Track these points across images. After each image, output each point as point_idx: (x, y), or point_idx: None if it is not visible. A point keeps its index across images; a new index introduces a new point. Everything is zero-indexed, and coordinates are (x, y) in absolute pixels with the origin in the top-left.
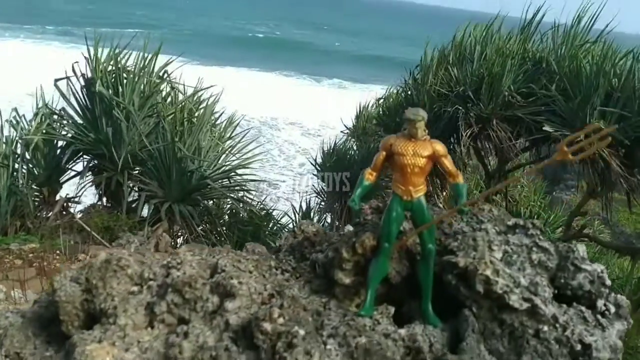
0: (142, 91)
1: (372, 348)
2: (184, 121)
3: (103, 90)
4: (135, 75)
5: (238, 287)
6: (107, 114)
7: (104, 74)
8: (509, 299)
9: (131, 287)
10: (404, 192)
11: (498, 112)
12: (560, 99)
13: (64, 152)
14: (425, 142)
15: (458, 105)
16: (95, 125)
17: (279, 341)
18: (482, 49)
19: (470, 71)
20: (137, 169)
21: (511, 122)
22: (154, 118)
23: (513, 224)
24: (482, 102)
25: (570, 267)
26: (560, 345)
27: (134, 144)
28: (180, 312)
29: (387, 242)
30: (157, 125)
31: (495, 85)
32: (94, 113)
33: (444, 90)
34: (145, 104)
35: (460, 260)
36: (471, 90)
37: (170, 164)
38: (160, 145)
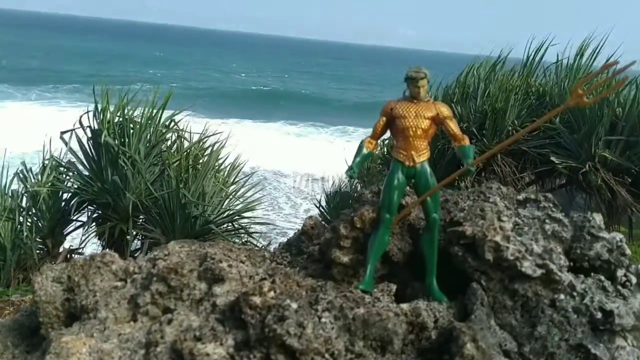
0: (148, 140)
1: (370, 319)
2: (189, 168)
3: (110, 140)
4: (142, 125)
5: (227, 270)
6: (113, 164)
7: (110, 125)
8: (522, 266)
9: (115, 282)
10: (406, 157)
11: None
12: (564, 131)
13: (68, 204)
14: (428, 104)
15: None
16: (101, 176)
17: (269, 314)
18: (485, 86)
19: (474, 108)
20: (142, 217)
21: (516, 156)
22: (159, 166)
23: (524, 199)
24: (486, 137)
25: (586, 236)
26: (578, 315)
27: (140, 192)
28: (165, 302)
29: (388, 212)
30: (163, 172)
31: (499, 120)
32: (100, 164)
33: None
34: (151, 153)
35: (468, 228)
36: (475, 127)
37: (174, 210)
38: (165, 192)
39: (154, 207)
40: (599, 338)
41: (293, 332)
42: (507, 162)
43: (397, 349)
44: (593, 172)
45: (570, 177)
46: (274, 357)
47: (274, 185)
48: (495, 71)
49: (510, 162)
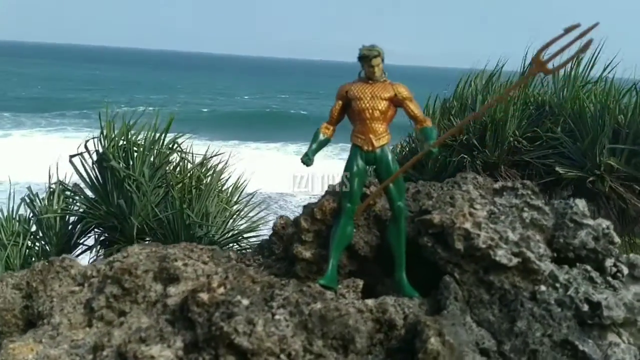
0: (152, 163)
1: (328, 315)
2: (192, 188)
3: (114, 163)
4: (145, 148)
5: (183, 269)
6: (119, 187)
7: (115, 149)
8: (495, 255)
9: (74, 287)
10: (364, 142)
11: (505, 158)
12: (567, 140)
13: (75, 227)
14: (385, 84)
15: (463, 154)
16: (107, 199)
17: (217, 311)
18: (483, 98)
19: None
20: (148, 239)
21: (519, 167)
22: (163, 188)
23: (500, 187)
24: (488, 148)
25: (569, 223)
26: (563, 308)
27: (145, 214)
28: (120, 305)
29: (349, 201)
30: (167, 194)
31: (500, 131)
32: (106, 187)
33: (448, 140)
34: (155, 175)
35: (435, 216)
36: (475, 138)
37: (179, 231)
38: (169, 214)
39: (159, 228)
40: (587, 333)
41: (242, 330)
42: (510, 173)
43: (360, 348)
44: (600, 181)
45: (577, 187)
46: (223, 359)
47: (279, 204)
48: (492, 82)
49: (514, 174)
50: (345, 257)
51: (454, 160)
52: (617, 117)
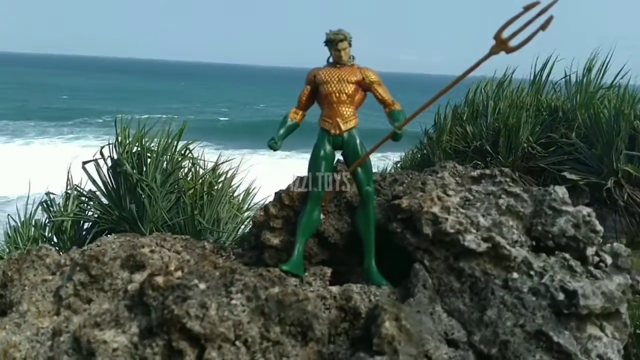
0: (164, 169)
1: (286, 300)
2: (204, 194)
3: (128, 169)
4: (158, 154)
5: (149, 255)
6: (132, 192)
7: (129, 155)
8: (464, 240)
9: (47, 275)
10: (331, 125)
11: (519, 164)
12: (582, 146)
13: (89, 233)
14: (353, 68)
15: (477, 160)
16: (120, 204)
17: (171, 295)
18: (495, 104)
19: (485, 125)
20: None
21: (534, 173)
22: (175, 194)
23: (478, 175)
24: (501, 155)
25: (547, 210)
26: (537, 296)
27: (156, 220)
28: (87, 293)
29: (316, 186)
30: (178, 200)
31: (513, 137)
32: (119, 192)
33: (460, 147)
34: (167, 181)
35: (404, 201)
36: (488, 144)
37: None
38: (180, 219)
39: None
40: (564, 324)
41: (194, 314)
42: (526, 180)
43: (320, 336)
44: (617, 188)
45: (594, 194)
46: (175, 344)
47: None
48: (503, 89)
49: (529, 180)
50: (316, 245)
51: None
52: (632, 122)
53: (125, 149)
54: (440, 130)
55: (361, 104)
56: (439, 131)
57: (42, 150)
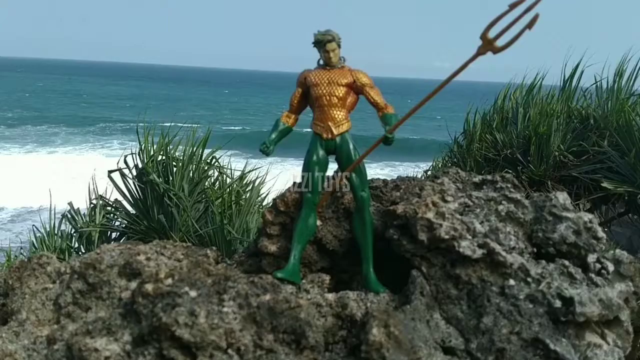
0: (191, 178)
1: (277, 307)
2: (232, 204)
3: (155, 178)
4: (184, 163)
5: (145, 263)
6: (159, 202)
7: (154, 164)
8: (459, 246)
9: (48, 284)
10: (323, 129)
11: (551, 173)
12: (615, 154)
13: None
14: (343, 70)
15: (508, 169)
16: (148, 214)
17: (161, 302)
18: (524, 111)
19: (515, 133)
20: None
21: (566, 182)
22: (203, 203)
23: (480, 180)
24: (533, 163)
25: (547, 216)
26: (534, 304)
27: (186, 230)
28: (86, 301)
29: (310, 192)
30: (207, 209)
31: (544, 145)
32: (146, 202)
33: (490, 155)
34: (195, 190)
35: (399, 207)
36: (519, 153)
37: (219, 247)
38: (210, 229)
39: (200, 244)
40: (561, 332)
41: (183, 322)
42: (558, 189)
43: (314, 344)
44: None
45: (629, 203)
46: (166, 353)
47: None
48: (532, 96)
49: (561, 189)
50: (315, 253)
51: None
52: None
53: (150, 157)
54: (470, 138)
55: (354, 107)
56: (468, 139)
57: (64, 159)
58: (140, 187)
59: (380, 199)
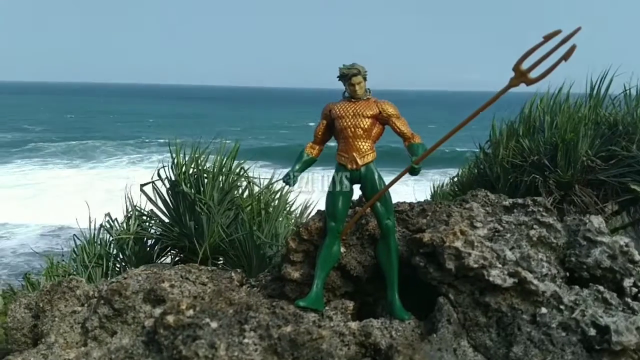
0: (221, 188)
1: (299, 338)
2: (261, 211)
3: (186, 189)
4: (214, 174)
5: (169, 290)
6: (190, 210)
7: (186, 176)
8: (489, 275)
9: (77, 307)
10: (348, 160)
11: (579, 177)
12: None
13: (152, 249)
14: (369, 102)
15: (535, 174)
16: (180, 222)
17: (182, 334)
18: (551, 119)
19: (542, 140)
20: (221, 259)
21: (594, 185)
22: (233, 210)
23: (511, 204)
24: (560, 168)
25: (581, 241)
26: (567, 332)
27: (215, 236)
28: (112, 326)
29: (334, 220)
30: (237, 216)
31: (571, 151)
32: (178, 211)
33: (517, 161)
34: (225, 199)
35: (425, 235)
36: (546, 158)
37: (249, 251)
38: (240, 235)
39: (231, 249)
40: None
41: (203, 355)
42: (586, 192)
43: None
44: None
45: None
46: None
47: None
48: (559, 103)
49: (590, 193)
50: (339, 278)
51: (525, 180)
52: None
53: (182, 170)
54: (496, 145)
55: (379, 137)
56: (494, 146)
57: (100, 175)
58: (173, 197)
59: (406, 223)
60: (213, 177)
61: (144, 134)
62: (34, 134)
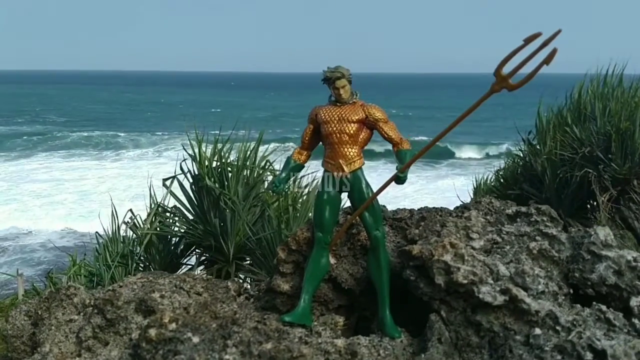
0: (246, 182)
1: (278, 356)
2: (289, 207)
3: (210, 183)
4: (238, 168)
5: (159, 301)
6: (215, 207)
7: (209, 170)
8: (479, 292)
9: (74, 315)
10: (334, 167)
11: (637, 171)
12: None
13: (177, 247)
14: (354, 106)
15: (587, 168)
16: (204, 219)
17: (163, 349)
18: (603, 105)
19: (594, 130)
20: (247, 258)
21: None
22: (259, 207)
23: (514, 212)
24: (615, 162)
25: (585, 255)
26: (563, 355)
27: (243, 234)
28: (105, 336)
29: (321, 231)
30: (263, 213)
31: (628, 142)
32: (202, 207)
33: (566, 154)
34: (250, 194)
35: (415, 247)
36: (600, 150)
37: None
38: (267, 234)
39: (258, 248)
40: None
41: None
42: None
43: None
44: None
45: None
46: None
47: None
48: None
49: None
50: (331, 291)
51: (576, 175)
52: None
53: (205, 163)
54: (542, 135)
55: (367, 142)
56: (540, 136)
57: (123, 167)
58: (197, 192)
59: (405, 231)
60: (237, 170)
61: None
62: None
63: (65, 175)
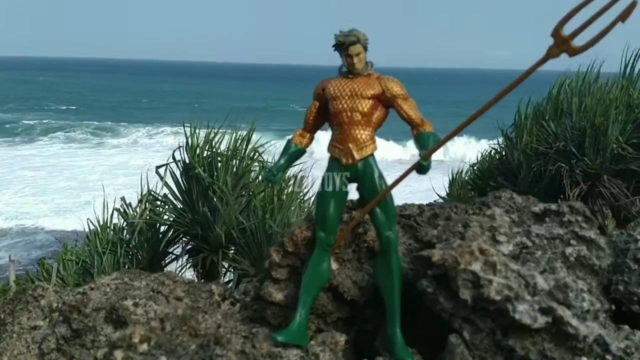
0: (234, 172)
1: None
2: (274, 198)
3: (200, 172)
4: (228, 157)
5: (132, 310)
6: (204, 196)
7: (200, 158)
8: (515, 311)
9: (39, 321)
10: (342, 153)
11: (608, 166)
12: None
13: (165, 236)
14: (369, 79)
15: (560, 163)
16: (193, 208)
17: None
18: (580, 101)
19: (569, 125)
20: (232, 248)
21: (625, 176)
22: (246, 197)
23: (542, 211)
24: (588, 157)
25: (631, 264)
26: None
27: (228, 223)
28: (70, 349)
29: (323, 230)
30: (249, 203)
31: (601, 137)
32: (192, 196)
33: (542, 148)
34: (238, 184)
35: (435, 253)
36: (573, 145)
37: (261, 241)
38: (252, 224)
39: (242, 237)
40: None
41: None
42: (615, 183)
43: None
44: None
45: None
46: None
47: None
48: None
49: (619, 184)
50: (330, 302)
51: (550, 169)
52: None
53: (196, 152)
54: (520, 129)
55: (381, 124)
56: (518, 130)
57: (118, 154)
58: (186, 181)
59: (415, 230)
60: (226, 160)
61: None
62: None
63: (62, 162)
